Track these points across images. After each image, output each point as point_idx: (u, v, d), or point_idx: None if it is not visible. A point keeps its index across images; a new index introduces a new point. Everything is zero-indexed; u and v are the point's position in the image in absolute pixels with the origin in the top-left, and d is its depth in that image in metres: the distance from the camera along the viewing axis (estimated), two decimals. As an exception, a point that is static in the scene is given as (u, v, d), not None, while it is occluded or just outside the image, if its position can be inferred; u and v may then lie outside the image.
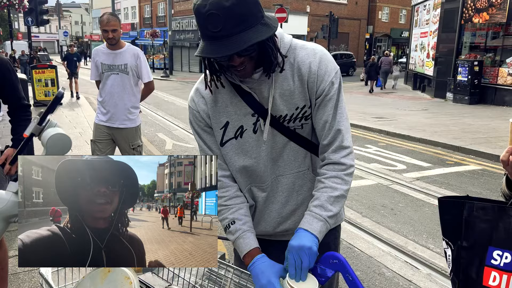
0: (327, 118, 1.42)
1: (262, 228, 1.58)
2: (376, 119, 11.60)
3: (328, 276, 1.31)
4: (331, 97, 1.41)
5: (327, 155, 1.44)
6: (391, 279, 3.47)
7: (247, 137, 1.46)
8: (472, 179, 6.31)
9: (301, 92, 1.41)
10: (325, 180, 1.42)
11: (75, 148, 7.68)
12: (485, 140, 8.58)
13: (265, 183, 1.51)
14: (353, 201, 5.36)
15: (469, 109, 12.98)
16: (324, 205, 1.38)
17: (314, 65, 1.39)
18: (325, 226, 1.37)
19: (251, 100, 1.42)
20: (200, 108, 1.49)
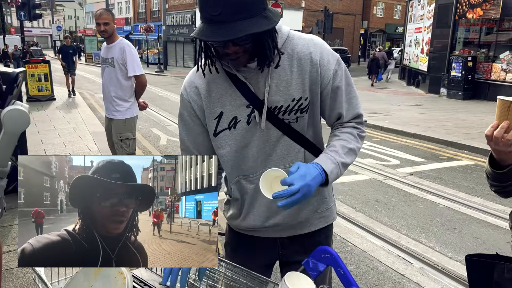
0: (340, 110, 1.48)
1: (251, 222, 1.56)
2: (370, 114, 11.63)
3: (320, 271, 1.32)
4: (338, 86, 1.44)
5: (343, 124, 1.52)
6: (384, 273, 3.50)
7: (240, 129, 1.45)
8: (465, 174, 6.36)
9: (298, 83, 1.41)
10: (340, 134, 1.48)
11: (69, 144, 7.65)
12: (478, 135, 8.64)
13: (253, 174, 1.50)
14: (346, 196, 5.39)
15: (463, 105, 13.04)
16: (339, 151, 1.42)
17: (315, 56, 1.41)
18: (336, 169, 1.39)
19: (246, 91, 1.40)
20: (192, 98, 1.48)
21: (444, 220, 4.60)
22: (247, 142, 1.46)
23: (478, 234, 4.25)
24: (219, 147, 1.50)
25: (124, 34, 41.07)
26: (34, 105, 11.86)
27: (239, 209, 1.59)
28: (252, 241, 1.60)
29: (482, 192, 5.50)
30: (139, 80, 4.38)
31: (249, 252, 1.56)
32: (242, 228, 1.61)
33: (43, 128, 8.95)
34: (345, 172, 5.44)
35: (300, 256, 1.61)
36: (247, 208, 1.56)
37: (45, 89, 12.57)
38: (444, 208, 4.98)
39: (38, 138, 8.03)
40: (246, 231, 1.61)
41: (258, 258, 1.56)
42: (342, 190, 5.61)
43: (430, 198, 5.31)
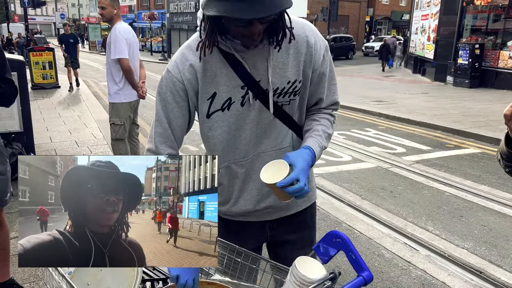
0: (321, 95, 1.51)
1: (242, 206, 1.55)
2: (376, 102, 11.56)
3: (331, 255, 1.31)
4: (324, 72, 1.47)
5: (320, 108, 1.55)
6: (390, 260, 3.50)
7: (234, 110, 1.41)
8: (471, 162, 6.32)
9: (294, 66, 1.40)
10: (320, 119, 1.52)
11: (74, 131, 7.66)
12: (485, 123, 8.57)
13: (245, 158, 1.49)
14: (352, 183, 5.37)
15: (469, 93, 12.93)
16: (322, 136, 1.48)
17: (311, 39, 1.42)
18: (320, 153, 1.46)
19: (243, 72, 1.37)
20: (185, 77, 1.38)
21: (450, 208, 4.58)
22: (240, 124, 1.44)
23: (484, 222, 4.23)
24: (211, 129, 1.45)
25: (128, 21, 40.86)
26: (39, 92, 11.88)
27: (228, 195, 1.57)
28: (242, 227, 1.60)
29: (489, 180, 5.46)
30: (120, 64, 4.45)
31: (239, 238, 1.54)
32: (232, 214, 1.59)
33: (48, 116, 8.96)
34: (351, 160, 5.44)
35: (288, 236, 1.62)
36: (238, 193, 1.54)
37: (50, 77, 12.56)
38: (451, 196, 4.95)
39: (44, 125, 8.04)
40: (236, 216, 1.59)
41: (248, 242, 1.55)
42: (348, 178, 5.60)
43: (436, 186, 5.28)
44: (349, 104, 11.33)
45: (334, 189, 5.15)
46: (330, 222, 4.20)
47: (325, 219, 4.28)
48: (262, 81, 1.39)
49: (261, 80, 1.39)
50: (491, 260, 3.50)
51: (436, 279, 3.22)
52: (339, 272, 1.27)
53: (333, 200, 4.83)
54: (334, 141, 7.53)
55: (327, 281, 1.25)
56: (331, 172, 5.83)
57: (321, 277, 1.24)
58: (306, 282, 1.23)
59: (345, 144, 7.40)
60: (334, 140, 7.60)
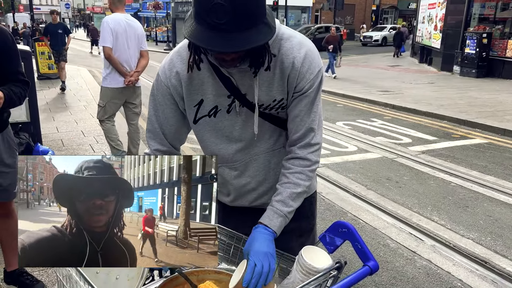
0: (299, 113, 1.40)
1: (239, 203, 1.60)
2: (382, 92, 11.50)
3: (337, 245, 1.32)
4: (308, 94, 1.39)
5: (294, 150, 1.44)
6: (395, 250, 3.51)
7: (220, 117, 1.43)
8: (477, 152, 6.29)
9: (279, 85, 1.38)
10: (290, 175, 1.42)
11: (80, 121, 7.69)
12: (491, 113, 8.51)
13: (237, 162, 1.50)
14: (358, 174, 5.38)
15: (476, 83, 12.82)
16: (286, 200, 1.40)
17: (297, 61, 1.34)
18: (284, 221, 1.40)
19: (229, 84, 1.37)
20: (171, 83, 1.42)
21: (456, 199, 4.58)
22: (229, 130, 1.45)
23: (490, 212, 4.23)
24: (199, 133, 1.49)
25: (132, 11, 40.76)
26: (45, 83, 11.91)
27: (227, 192, 1.60)
28: (241, 212, 1.62)
29: (495, 170, 5.44)
30: (103, 51, 4.80)
31: (238, 223, 1.57)
32: (230, 205, 1.64)
33: (55, 106, 9.00)
34: (356, 151, 5.44)
35: (287, 224, 1.62)
36: (235, 193, 1.58)
37: (55, 67, 12.57)
38: (456, 186, 4.95)
39: (50, 115, 8.08)
40: (231, 205, 1.64)
41: (246, 228, 1.57)
42: (353, 168, 5.60)
43: (442, 176, 5.27)
44: (355, 94, 11.28)
45: (340, 180, 5.16)
46: (335, 212, 4.22)
47: (330, 209, 4.29)
48: (248, 95, 1.38)
49: (247, 93, 1.38)
50: (496, 250, 3.50)
51: (441, 269, 3.23)
52: (345, 261, 1.28)
53: (338, 190, 4.84)
54: (339, 132, 7.52)
55: (333, 270, 1.26)
56: (336, 162, 5.83)
57: (327, 266, 1.25)
58: (312, 271, 1.24)
59: (351, 134, 7.38)
60: (339, 131, 7.59)
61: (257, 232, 1.33)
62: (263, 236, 1.32)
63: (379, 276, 3.13)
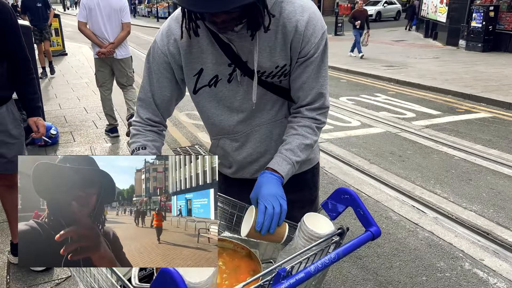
0: (306, 79, 1.37)
1: (240, 175, 1.58)
2: (386, 67, 11.37)
3: (339, 212, 1.32)
4: (314, 59, 1.34)
5: (302, 110, 1.42)
6: (397, 222, 3.53)
7: (221, 87, 1.39)
8: (482, 126, 6.25)
9: (282, 50, 1.33)
10: (298, 127, 1.40)
11: (83, 98, 7.68)
12: (497, 87, 8.42)
13: (238, 133, 1.47)
14: (361, 148, 5.37)
15: (482, 57, 12.65)
16: (295, 150, 1.37)
17: (301, 25, 1.29)
18: (292, 170, 1.37)
19: (229, 51, 1.33)
20: (169, 51, 1.36)
21: (459, 172, 4.58)
22: (230, 101, 1.41)
23: (493, 185, 4.23)
24: (199, 103, 1.45)
25: (133, -13, 40.10)
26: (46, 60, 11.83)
27: (228, 164, 1.58)
28: (242, 184, 1.60)
29: (499, 144, 5.42)
30: None
31: (239, 194, 1.57)
32: (231, 177, 1.62)
33: (57, 83, 8.97)
34: (360, 125, 5.42)
35: (288, 195, 1.61)
36: (236, 165, 1.56)
37: (57, 44, 12.47)
38: (460, 160, 4.94)
39: (52, 92, 8.07)
40: (232, 176, 1.63)
41: (248, 199, 1.58)
42: (356, 142, 5.58)
43: (445, 150, 5.26)
44: (359, 69, 11.17)
45: (343, 154, 5.15)
46: (338, 186, 4.23)
47: (333, 183, 4.30)
48: (249, 62, 1.34)
49: (248, 61, 1.34)
50: (498, 222, 3.52)
51: (443, 240, 3.25)
52: (347, 227, 1.28)
53: (341, 164, 4.84)
54: (342, 107, 7.47)
55: (335, 236, 1.26)
56: (339, 137, 5.81)
57: (329, 232, 1.25)
58: (314, 237, 1.24)
59: (354, 109, 7.34)
60: (342, 106, 7.55)
61: (264, 177, 1.31)
62: (270, 180, 1.30)
63: (381, 247, 3.16)
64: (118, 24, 5.15)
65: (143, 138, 1.44)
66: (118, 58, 5.21)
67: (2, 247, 3.01)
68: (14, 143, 2.50)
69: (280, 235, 1.26)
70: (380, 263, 2.99)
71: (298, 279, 1.02)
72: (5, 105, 2.45)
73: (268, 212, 1.21)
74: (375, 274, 2.86)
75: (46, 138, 4.91)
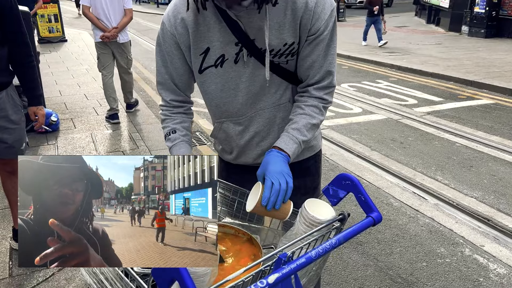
0: (316, 58, 1.37)
1: (242, 160, 1.58)
2: (388, 53, 11.29)
3: (340, 197, 1.32)
4: (324, 37, 1.34)
5: (310, 89, 1.42)
6: (398, 209, 3.54)
7: (227, 67, 1.38)
8: (484, 113, 6.23)
9: (291, 27, 1.31)
10: (305, 107, 1.41)
11: (83, 85, 7.65)
12: (499, 74, 8.37)
13: (242, 117, 1.47)
14: (362, 135, 5.36)
15: (485, 43, 12.54)
16: (301, 129, 1.38)
17: (311, 1, 1.29)
18: (298, 149, 1.38)
19: (237, 29, 1.31)
20: (178, 31, 1.36)
21: (460, 158, 4.57)
22: (235, 82, 1.40)
23: (494, 172, 4.22)
24: (204, 84, 1.44)
25: (132, -28, 39.64)
26: (46, 46, 11.78)
27: (230, 149, 1.58)
28: (244, 170, 1.61)
29: (501, 131, 5.40)
30: None
31: (241, 180, 1.57)
32: (233, 163, 1.63)
33: (57, 70, 8.93)
34: (361, 112, 5.40)
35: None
36: (238, 150, 1.55)
37: (56, 30, 12.40)
38: (461, 146, 4.93)
39: (52, 79, 8.04)
40: (235, 163, 1.63)
41: (249, 185, 1.57)
42: (358, 129, 5.57)
43: (447, 137, 5.25)
44: (360, 55, 11.10)
45: (344, 141, 5.14)
46: (339, 172, 4.20)
47: (334, 169, 4.30)
48: (257, 40, 1.33)
49: (256, 39, 1.33)
50: (499, 208, 3.52)
51: (444, 226, 3.26)
52: (348, 213, 1.28)
53: (342, 151, 4.83)
54: (344, 93, 7.44)
55: (336, 222, 1.26)
56: (341, 124, 5.80)
57: (330, 218, 1.25)
58: (315, 223, 1.24)
59: (356, 96, 7.31)
60: (344, 92, 7.52)
61: (271, 156, 1.32)
62: (277, 158, 1.31)
63: (381, 233, 3.17)
64: (121, 9, 5.32)
65: (171, 122, 1.49)
66: (120, 42, 5.41)
67: (4, 233, 3.03)
68: (14, 128, 2.49)
69: (285, 211, 1.27)
70: (380, 249, 3.00)
71: (299, 264, 1.02)
72: (5, 90, 2.44)
73: (274, 188, 1.22)
74: (376, 260, 2.88)
75: (45, 126, 4.91)
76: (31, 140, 4.73)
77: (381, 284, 2.64)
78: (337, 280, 2.69)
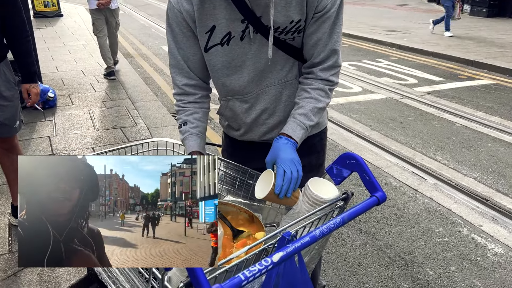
0: (321, 36, 1.35)
1: (248, 137, 1.57)
2: (388, 32, 11.16)
3: (344, 177, 1.30)
4: (330, 15, 1.31)
5: (315, 71, 1.40)
6: (397, 188, 3.54)
7: (233, 45, 1.35)
8: (484, 93, 6.19)
9: (298, 4, 1.29)
10: (311, 90, 1.40)
11: (80, 61, 7.55)
12: (500, 54, 8.30)
13: (248, 95, 1.45)
14: (362, 114, 5.33)
15: (487, 22, 12.41)
16: (308, 114, 1.38)
17: None
18: (305, 134, 1.39)
19: (243, 5, 1.28)
20: (184, 8, 1.33)
21: (460, 139, 4.56)
22: (242, 60, 1.38)
23: (494, 152, 4.22)
24: (210, 62, 1.42)
25: None
26: (42, 21, 11.59)
27: (237, 126, 1.57)
28: (249, 147, 1.60)
29: (501, 111, 5.38)
30: None
31: (246, 157, 1.56)
32: (239, 139, 1.62)
33: (53, 45, 8.80)
34: (361, 91, 5.36)
35: None
36: (245, 127, 1.54)
37: (52, 5, 12.17)
38: (461, 127, 4.91)
39: (49, 54, 7.92)
40: (242, 140, 1.62)
41: (254, 162, 1.56)
42: (357, 108, 5.54)
43: (447, 117, 5.22)
44: (361, 34, 10.96)
45: (343, 120, 5.12)
46: (338, 152, 4.22)
47: (334, 149, 4.29)
48: (263, 17, 1.30)
49: (262, 16, 1.30)
50: (498, 188, 3.53)
51: (442, 206, 3.27)
52: (352, 192, 1.26)
53: (342, 130, 4.82)
54: (344, 72, 7.38)
55: (339, 201, 1.25)
56: (340, 103, 5.76)
57: (333, 197, 1.24)
58: (319, 202, 1.23)
59: (356, 75, 7.25)
60: (344, 71, 7.45)
61: (280, 143, 1.33)
62: (286, 146, 1.32)
63: (380, 213, 3.18)
64: None
65: (183, 114, 1.47)
66: (112, 9, 6.38)
67: (3, 209, 3.02)
68: (6, 105, 2.44)
69: (295, 199, 1.28)
70: (379, 228, 3.02)
71: (303, 243, 1.01)
72: None
73: (287, 176, 1.23)
74: (374, 239, 2.89)
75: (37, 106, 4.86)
76: (27, 116, 4.69)
77: (379, 263, 2.66)
78: (335, 258, 2.70)
